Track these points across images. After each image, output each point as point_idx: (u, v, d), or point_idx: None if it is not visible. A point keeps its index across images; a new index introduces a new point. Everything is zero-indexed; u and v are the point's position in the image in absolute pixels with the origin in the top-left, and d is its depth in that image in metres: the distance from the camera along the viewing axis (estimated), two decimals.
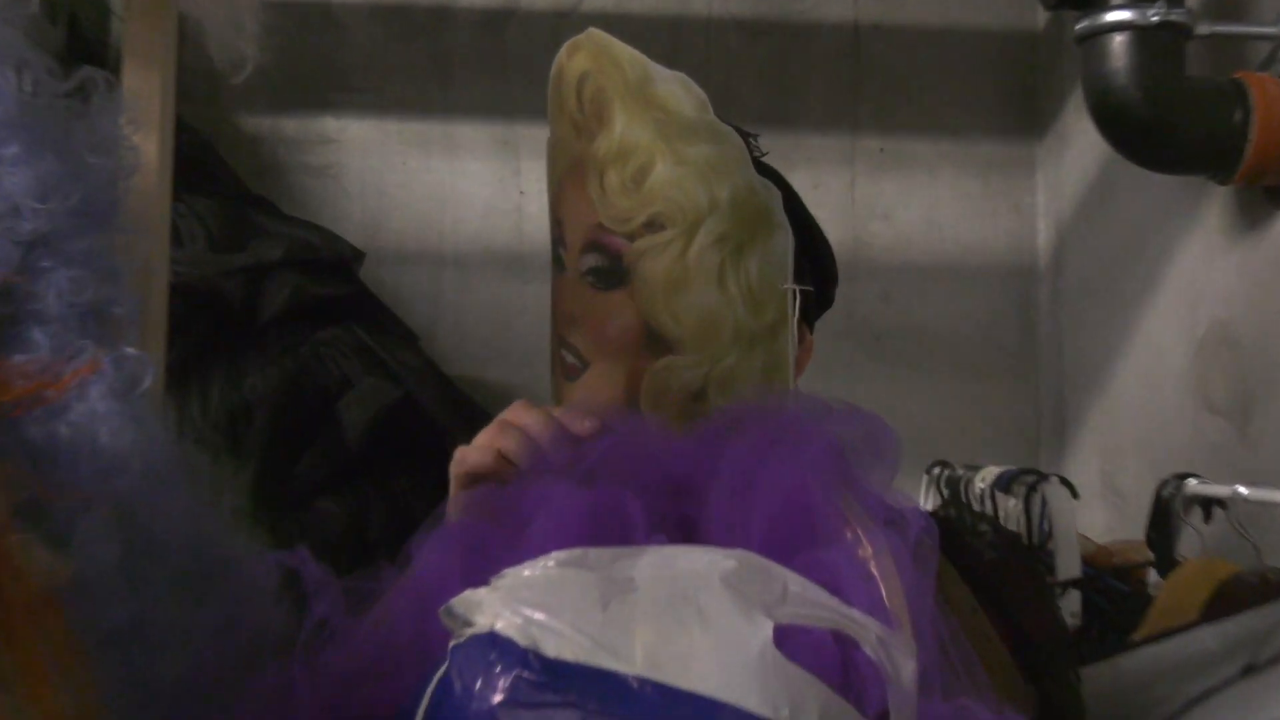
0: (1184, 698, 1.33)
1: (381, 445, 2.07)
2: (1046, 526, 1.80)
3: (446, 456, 1.14)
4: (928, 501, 2.34)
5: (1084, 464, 2.58)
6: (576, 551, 0.81)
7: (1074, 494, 1.83)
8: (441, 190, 2.76)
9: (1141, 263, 2.32)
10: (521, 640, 0.74)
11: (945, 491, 2.25)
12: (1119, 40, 1.84)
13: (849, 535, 0.87)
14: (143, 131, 1.39)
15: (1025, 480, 1.90)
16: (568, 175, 1.20)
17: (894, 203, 2.82)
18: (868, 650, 0.77)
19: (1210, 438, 2.06)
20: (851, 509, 0.89)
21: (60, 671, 0.84)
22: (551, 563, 0.80)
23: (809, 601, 0.78)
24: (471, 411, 2.23)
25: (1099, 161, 2.50)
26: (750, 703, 0.71)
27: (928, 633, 0.84)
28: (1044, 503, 1.81)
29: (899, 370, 2.79)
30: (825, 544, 0.87)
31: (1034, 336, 2.82)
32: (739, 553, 0.80)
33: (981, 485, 2.05)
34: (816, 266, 1.26)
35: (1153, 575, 1.67)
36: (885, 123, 2.82)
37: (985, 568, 1.19)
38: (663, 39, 2.75)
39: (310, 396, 2.09)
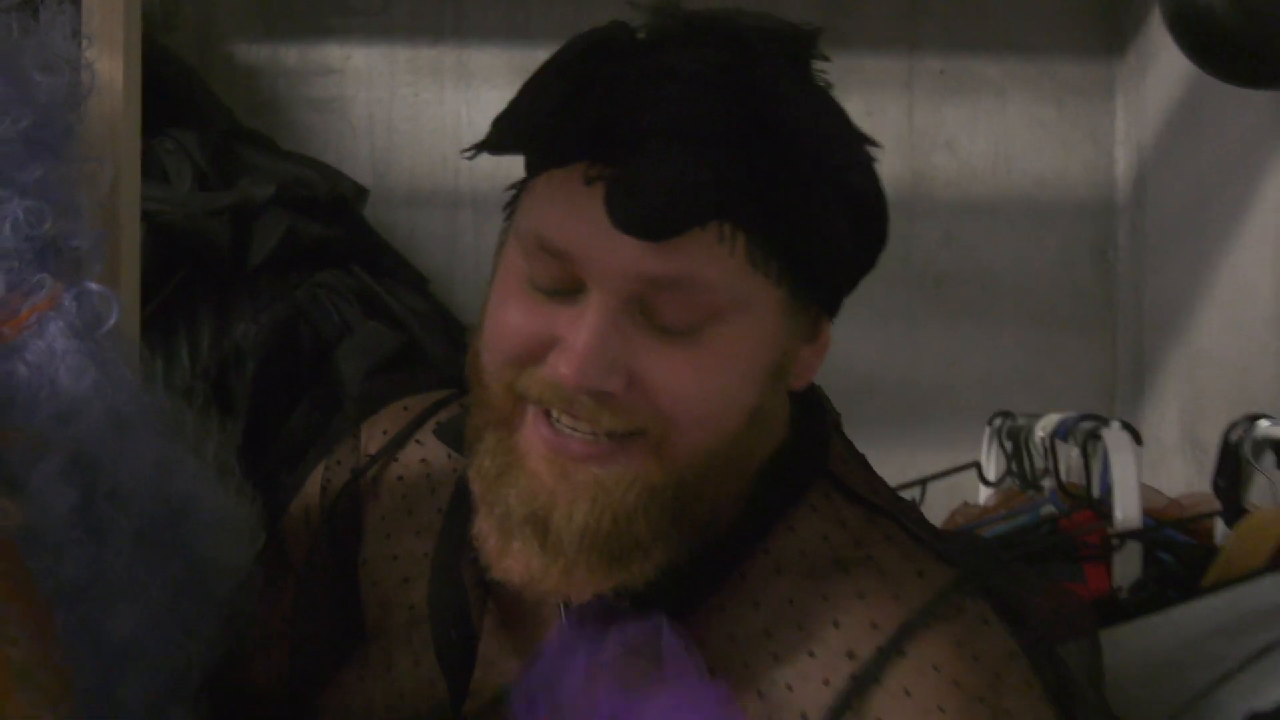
0: (1243, 653, 1.36)
1: None
2: (1110, 477, 1.82)
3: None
4: (990, 455, 2.36)
5: (1164, 415, 2.59)
6: None
7: (1138, 440, 1.84)
8: (456, 123, 2.80)
9: (1229, 195, 2.33)
10: None
11: (1007, 444, 2.28)
12: None
13: None
14: (104, 50, 1.41)
15: (1085, 427, 1.91)
16: None
17: (957, 131, 2.83)
18: None
19: None
20: None
21: (11, 618, 0.88)
22: None
23: None
24: None
25: (1185, 82, 2.49)
26: None
27: None
28: (1105, 451, 1.83)
29: (962, 318, 2.81)
30: None
31: (1112, 279, 2.83)
32: None
33: (1041, 434, 2.07)
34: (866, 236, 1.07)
35: (1220, 526, 1.68)
36: (948, 40, 2.83)
37: None
38: None
39: (306, 343, 2.14)
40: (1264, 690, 1.28)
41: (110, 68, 1.43)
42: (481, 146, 1.00)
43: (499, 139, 0.99)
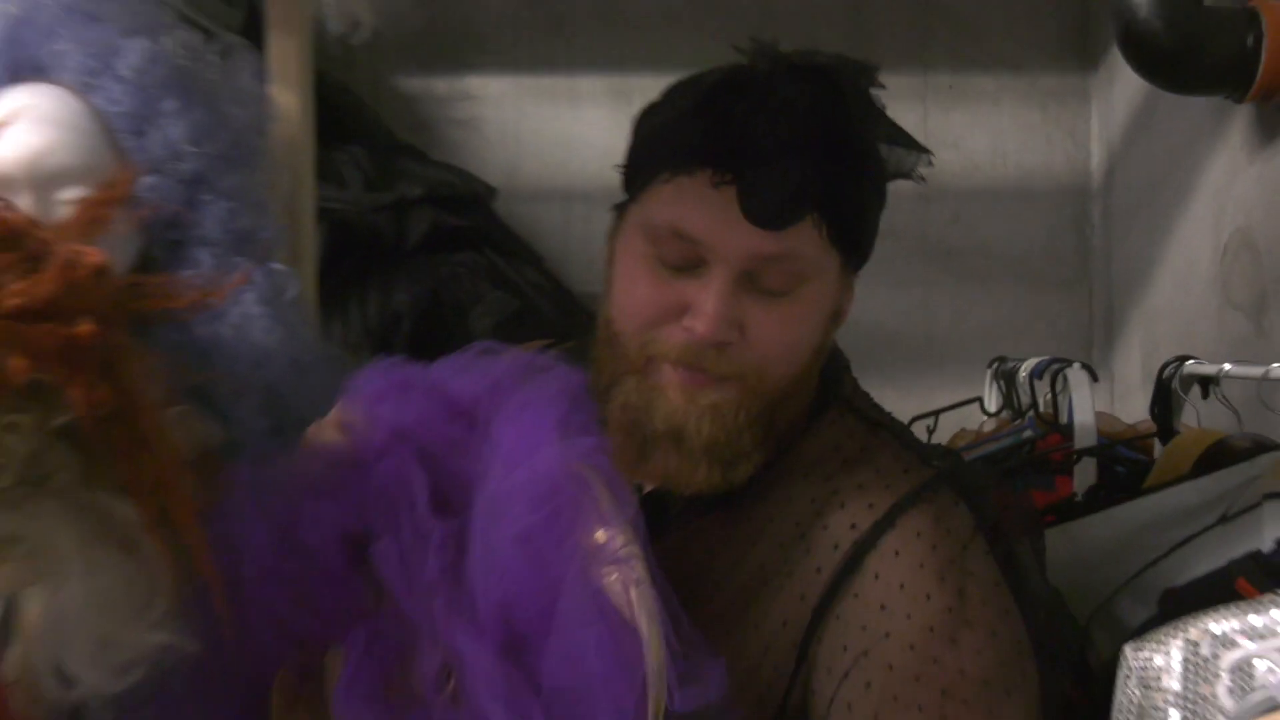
0: (1169, 543, 1.36)
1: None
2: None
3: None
4: (990, 391, 2.36)
5: (1128, 359, 2.57)
6: None
7: (1094, 377, 1.84)
8: (567, 136, 2.81)
9: (1177, 180, 2.30)
10: None
11: (1002, 383, 2.28)
12: None
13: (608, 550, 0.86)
14: (285, 89, 1.46)
15: (1054, 368, 1.92)
16: None
17: (962, 133, 2.80)
18: None
19: (1231, 331, 2.05)
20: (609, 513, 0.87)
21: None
22: None
23: None
24: (588, 317, 2.33)
25: (1143, 91, 2.44)
26: None
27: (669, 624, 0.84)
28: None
29: (968, 282, 2.79)
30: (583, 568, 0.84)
31: (1087, 250, 2.80)
32: None
33: (1023, 374, 2.07)
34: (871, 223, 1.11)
35: (1158, 445, 1.68)
36: (954, 61, 2.80)
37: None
38: None
39: (447, 309, 2.19)
40: (1179, 572, 1.29)
41: (289, 100, 1.47)
42: (631, 160, 1.09)
43: (646, 153, 1.07)
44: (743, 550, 1.05)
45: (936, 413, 2.40)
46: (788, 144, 0.98)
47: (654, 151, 1.05)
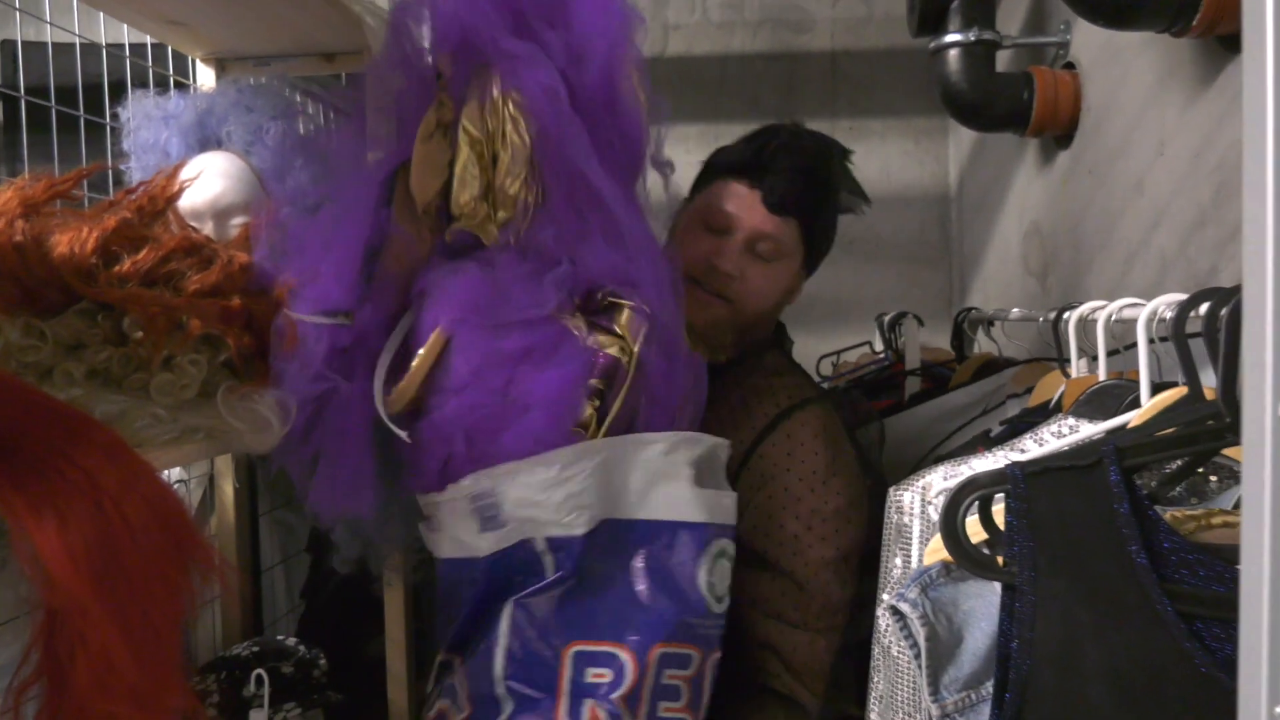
0: (951, 429, 1.47)
1: None
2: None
3: None
4: (876, 336, 2.45)
5: None
6: None
7: (921, 323, 1.94)
8: None
9: (998, 190, 2.37)
10: None
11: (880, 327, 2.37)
12: (953, 53, 1.88)
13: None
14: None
15: (899, 318, 2.02)
16: None
17: (861, 160, 2.70)
18: None
19: (1029, 290, 2.12)
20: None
21: None
22: None
23: None
24: None
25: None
26: None
27: None
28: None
29: (865, 261, 2.86)
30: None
31: (946, 238, 2.86)
32: None
33: (886, 320, 2.17)
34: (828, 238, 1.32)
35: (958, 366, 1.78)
36: (854, 110, 2.87)
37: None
38: (715, 68, 2.84)
39: None
40: (952, 445, 1.40)
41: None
42: (703, 171, 1.27)
43: (717, 165, 1.25)
44: (724, 397, 1.22)
45: (839, 351, 2.49)
46: (793, 170, 1.18)
47: (722, 164, 1.23)
